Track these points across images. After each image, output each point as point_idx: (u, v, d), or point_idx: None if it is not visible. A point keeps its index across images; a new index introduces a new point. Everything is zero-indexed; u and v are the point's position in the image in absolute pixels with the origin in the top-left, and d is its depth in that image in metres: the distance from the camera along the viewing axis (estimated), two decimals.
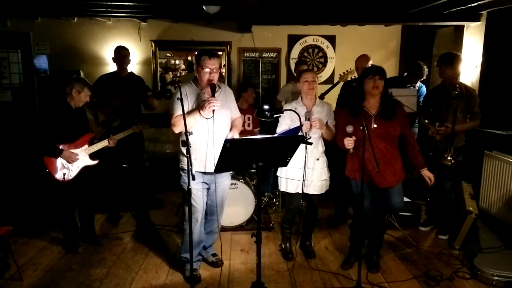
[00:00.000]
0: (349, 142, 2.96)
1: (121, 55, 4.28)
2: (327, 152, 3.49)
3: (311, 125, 3.18)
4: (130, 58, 4.39)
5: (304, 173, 3.30)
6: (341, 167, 3.32)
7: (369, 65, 3.88)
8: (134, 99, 4.30)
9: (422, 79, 4.83)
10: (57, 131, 3.47)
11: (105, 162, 3.79)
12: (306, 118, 3.21)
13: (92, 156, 3.64)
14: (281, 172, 3.46)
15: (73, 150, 3.53)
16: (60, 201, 3.64)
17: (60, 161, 3.49)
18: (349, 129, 2.93)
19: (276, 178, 3.58)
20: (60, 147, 3.47)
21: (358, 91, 3.12)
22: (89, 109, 3.98)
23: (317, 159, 3.35)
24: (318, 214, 3.66)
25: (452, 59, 3.80)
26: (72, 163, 3.52)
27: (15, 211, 4.40)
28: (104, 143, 3.64)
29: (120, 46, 4.38)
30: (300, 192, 3.37)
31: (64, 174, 3.50)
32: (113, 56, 4.35)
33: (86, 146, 3.61)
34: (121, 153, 4.14)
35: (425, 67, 4.74)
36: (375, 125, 3.03)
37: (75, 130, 3.58)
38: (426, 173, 3.15)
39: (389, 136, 3.06)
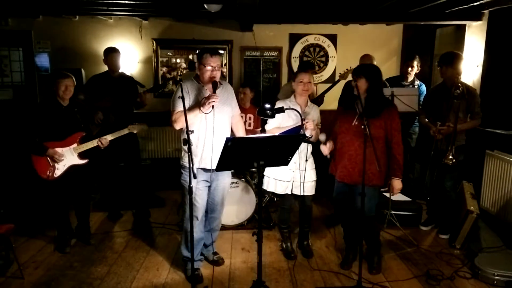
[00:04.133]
0: (324, 149, 3.19)
1: (115, 59, 4.25)
2: (315, 153, 3.51)
3: (303, 126, 3.16)
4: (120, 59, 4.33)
5: (294, 174, 3.33)
6: None
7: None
8: (125, 99, 4.27)
9: (413, 70, 4.82)
10: (44, 129, 3.45)
11: (100, 161, 3.76)
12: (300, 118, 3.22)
13: (81, 155, 3.61)
14: (268, 172, 3.45)
15: (59, 149, 3.49)
16: (50, 200, 3.64)
17: (46, 159, 3.48)
18: (322, 137, 3.12)
19: None
20: (47, 145, 3.44)
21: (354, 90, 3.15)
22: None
23: (306, 160, 3.35)
24: (312, 213, 3.67)
25: (452, 59, 3.79)
26: (57, 162, 3.50)
27: (17, 209, 4.40)
28: (93, 143, 3.58)
29: (112, 48, 4.31)
30: (290, 193, 3.39)
31: (49, 172, 3.49)
32: (103, 58, 4.28)
33: (75, 145, 3.57)
34: (116, 152, 4.11)
35: (415, 59, 4.79)
36: (356, 123, 3.06)
37: (65, 129, 3.54)
38: (394, 182, 3.07)
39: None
